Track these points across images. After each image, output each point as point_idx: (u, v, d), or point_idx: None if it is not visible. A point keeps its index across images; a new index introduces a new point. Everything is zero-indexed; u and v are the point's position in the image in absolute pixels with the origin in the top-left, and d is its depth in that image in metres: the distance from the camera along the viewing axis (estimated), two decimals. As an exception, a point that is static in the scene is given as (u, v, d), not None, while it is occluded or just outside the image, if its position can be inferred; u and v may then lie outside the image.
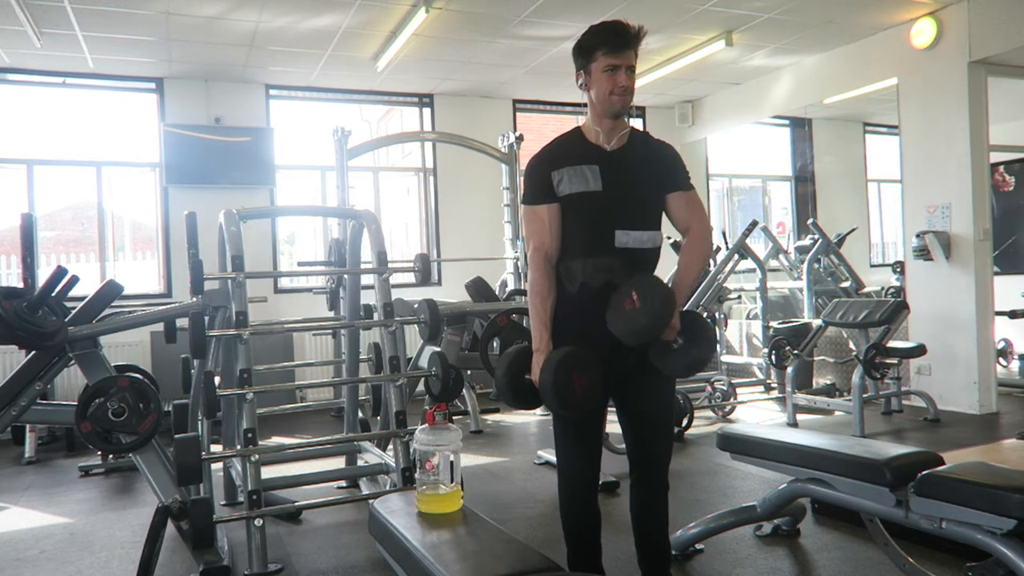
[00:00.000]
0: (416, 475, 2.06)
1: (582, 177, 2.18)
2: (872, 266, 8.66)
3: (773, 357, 5.81)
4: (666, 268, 5.95)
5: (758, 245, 7.67)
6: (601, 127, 2.22)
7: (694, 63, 6.59)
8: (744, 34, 6.12)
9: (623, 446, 2.39)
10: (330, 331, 6.25)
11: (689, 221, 2.30)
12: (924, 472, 2.18)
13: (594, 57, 2.17)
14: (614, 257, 2.17)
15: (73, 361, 3.26)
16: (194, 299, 3.39)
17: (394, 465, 3.18)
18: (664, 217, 2.31)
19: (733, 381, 6.04)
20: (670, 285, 2.18)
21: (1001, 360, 6.47)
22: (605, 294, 2.16)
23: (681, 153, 2.37)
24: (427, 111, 7.66)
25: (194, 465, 2.68)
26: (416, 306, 3.44)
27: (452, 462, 1.99)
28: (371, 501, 2.15)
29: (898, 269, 7.09)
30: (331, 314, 5.64)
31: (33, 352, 3.21)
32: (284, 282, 7.26)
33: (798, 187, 8.70)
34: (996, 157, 6.36)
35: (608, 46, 2.15)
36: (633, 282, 2.11)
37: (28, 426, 5.09)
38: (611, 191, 2.18)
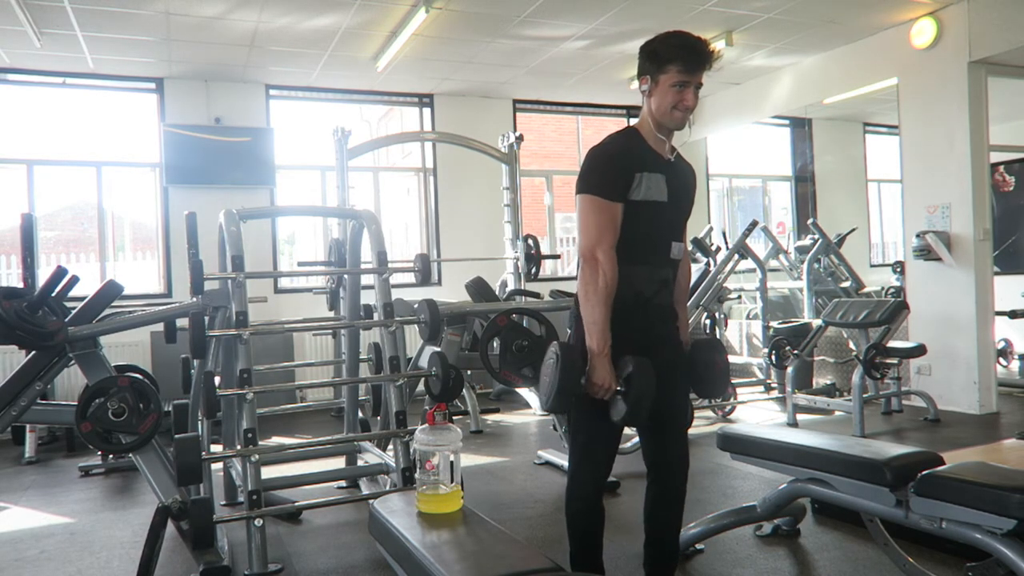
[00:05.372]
0: (416, 475, 2.05)
1: (657, 185, 2.16)
2: (872, 266, 8.66)
3: (773, 357, 5.81)
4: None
5: (758, 245, 7.67)
6: (660, 133, 2.22)
7: (694, 63, 6.58)
8: (744, 34, 6.12)
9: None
10: (330, 331, 6.25)
11: (682, 244, 2.38)
12: (924, 472, 2.18)
13: (665, 69, 2.12)
14: (668, 267, 2.24)
15: (73, 361, 3.26)
16: (194, 299, 3.39)
17: (394, 465, 3.18)
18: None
19: (733, 381, 6.03)
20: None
21: (1001, 360, 6.46)
22: (653, 302, 2.21)
23: (681, 153, 2.38)
24: (427, 111, 7.65)
25: (194, 465, 2.68)
26: (416, 306, 3.44)
27: (452, 462, 1.98)
28: (371, 501, 2.14)
29: (898, 269, 7.10)
30: (331, 314, 5.64)
31: (33, 352, 3.20)
32: (284, 282, 7.26)
33: (798, 187, 8.70)
34: (996, 157, 6.36)
35: (684, 63, 2.11)
36: (719, 348, 2.33)
37: (28, 426, 5.09)
38: (673, 203, 2.21)
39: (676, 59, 2.11)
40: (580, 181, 2.17)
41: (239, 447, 3.01)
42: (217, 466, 3.96)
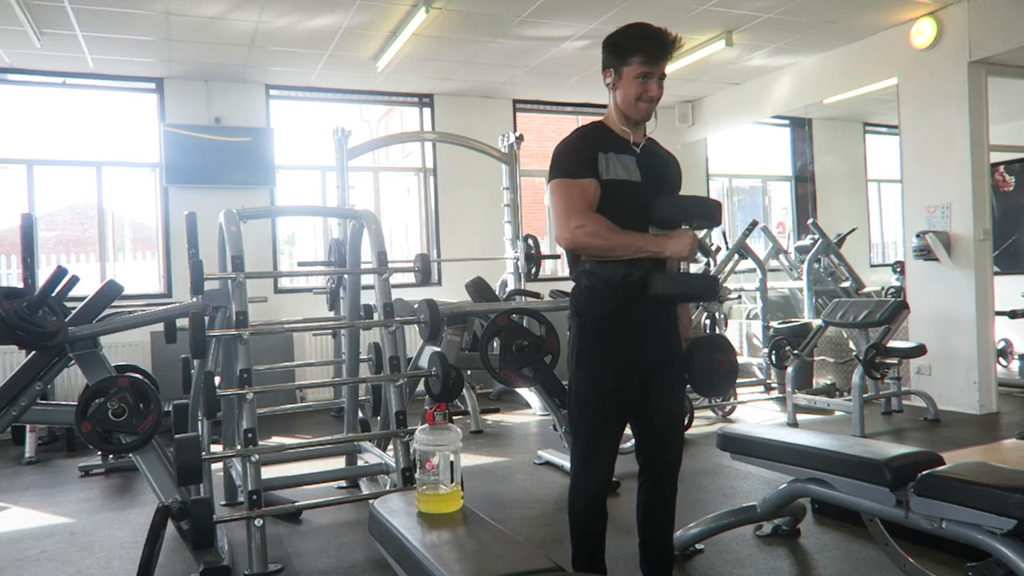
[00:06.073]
0: (416, 475, 2.05)
1: (623, 165, 2.16)
2: (872, 266, 8.66)
3: (773, 357, 5.81)
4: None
5: (758, 245, 7.67)
6: (627, 126, 2.22)
7: (694, 63, 6.59)
8: (744, 34, 6.12)
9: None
10: (330, 331, 6.25)
11: None
12: (924, 472, 2.18)
13: (628, 61, 2.14)
14: None
15: (73, 361, 3.26)
16: (194, 299, 3.39)
17: (394, 465, 3.18)
18: None
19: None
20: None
21: (1001, 360, 6.46)
22: (638, 287, 2.14)
23: (681, 153, 2.39)
24: (427, 111, 7.65)
25: (194, 465, 2.68)
26: (416, 306, 3.44)
27: (452, 462, 1.98)
28: (371, 501, 2.14)
29: (898, 269, 7.10)
30: (331, 314, 5.64)
31: (33, 352, 3.20)
32: (284, 282, 7.26)
33: (798, 187, 8.70)
34: (996, 157, 6.37)
35: (645, 54, 2.12)
36: (723, 347, 2.37)
37: (28, 426, 5.09)
38: (647, 185, 2.18)
39: (638, 51, 2.13)
40: (549, 173, 2.20)
41: (239, 447, 3.01)
42: (217, 466, 3.96)
